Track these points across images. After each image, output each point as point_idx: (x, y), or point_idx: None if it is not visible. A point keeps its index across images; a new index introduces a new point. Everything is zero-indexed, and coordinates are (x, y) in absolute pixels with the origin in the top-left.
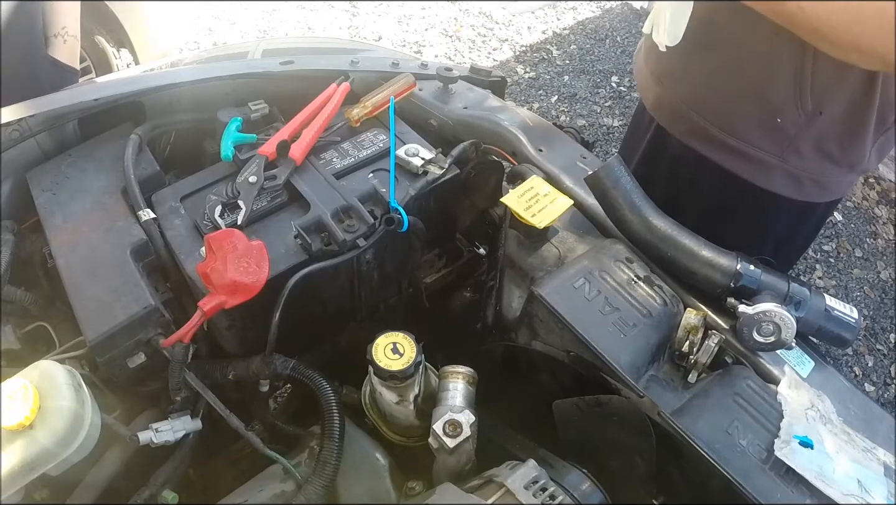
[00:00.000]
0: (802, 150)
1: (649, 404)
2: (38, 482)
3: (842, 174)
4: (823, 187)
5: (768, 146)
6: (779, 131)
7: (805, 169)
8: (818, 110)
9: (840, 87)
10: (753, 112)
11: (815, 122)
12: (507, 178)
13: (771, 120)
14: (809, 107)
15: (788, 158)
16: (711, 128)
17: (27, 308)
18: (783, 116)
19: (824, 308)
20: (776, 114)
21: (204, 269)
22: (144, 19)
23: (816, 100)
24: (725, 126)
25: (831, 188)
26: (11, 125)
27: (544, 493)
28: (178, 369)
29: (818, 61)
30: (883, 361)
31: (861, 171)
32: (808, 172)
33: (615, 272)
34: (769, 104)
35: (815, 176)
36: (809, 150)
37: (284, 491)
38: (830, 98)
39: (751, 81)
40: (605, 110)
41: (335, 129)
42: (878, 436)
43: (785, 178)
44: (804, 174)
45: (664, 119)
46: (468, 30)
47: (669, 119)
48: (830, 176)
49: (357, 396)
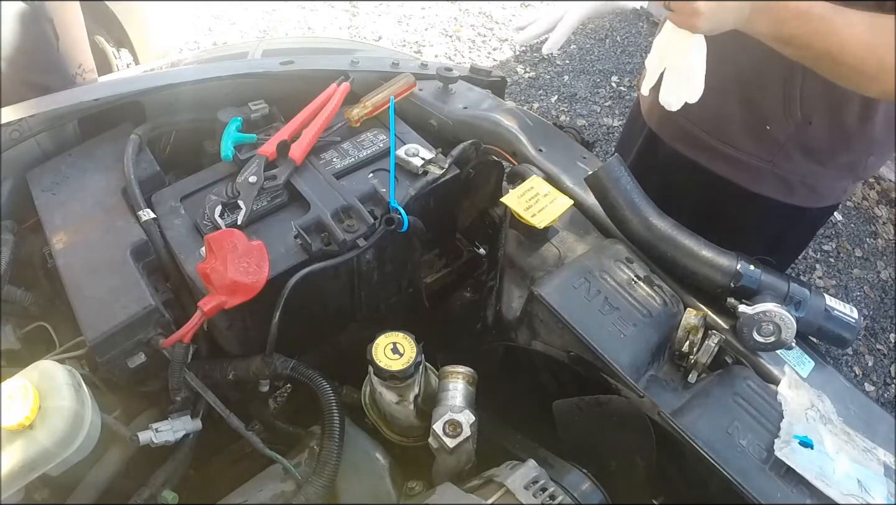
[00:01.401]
0: (793, 155)
1: (649, 404)
2: (38, 482)
3: (834, 180)
4: (815, 192)
5: (758, 152)
6: (768, 138)
7: (796, 173)
8: (808, 120)
9: (830, 99)
10: (743, 119)
11: (804, 131)
12: (507, 178)
13: (760, 127)
14: (799, 116)
15: (779, 163)
16: (701, 133)
17: (27, 308)
18: (773, 124)
19: (824, 308)
20: (766, 121)
21: (204, 269)
22: (144, 19)
23: (806, 109)
24: (715, 131)
25: (824, 193)
26: (11, 125)
27: (544, 493)
28: (178, 369)
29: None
30: (883, 361)
31: (856, 178)
32: (800, 177)
33: (615, 272)
34: (759, 112)
35: (807, 180)
36: (799, 156)
37: (284, 491)
38: (820, 108)
39: (740, 89)
40: (605, 110)
41: (335, 129)
42: (878, 436)
43: (775, 182)
44: (795, 178)
45: (654, 122)
46: (468, 30)
47: (658, 123)
48: (822, 181)
49: (357, 396)
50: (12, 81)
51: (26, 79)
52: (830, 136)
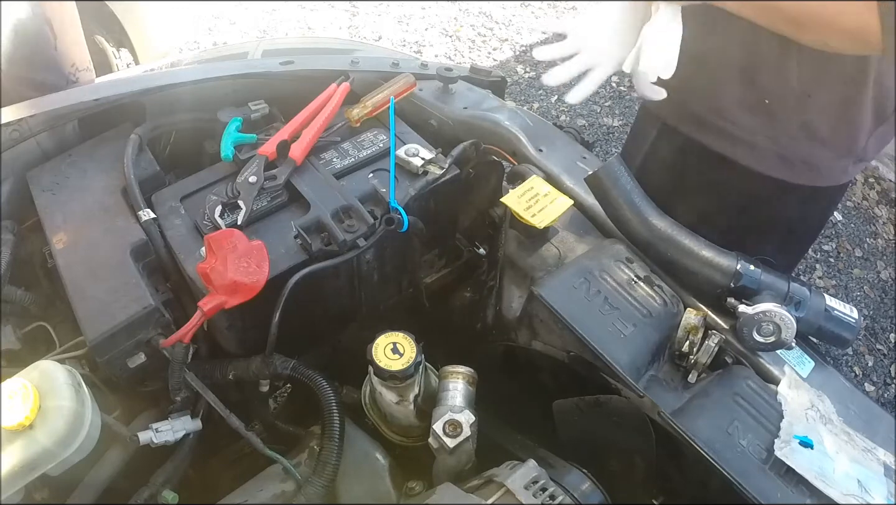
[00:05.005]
0: (791, 132)
1: (649, 404)
2: (38, 482)
3: (834, 159)
4: (817, 170)
5: (758, 128)
6: (767, 113)
7: (796, 151)
8: (806, 93)
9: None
10: (740, 94)
11: (803, 105)
12: (507, 178)
13: (759, 102)
14: (797, 90)
15: (778, 140)
16: (702, 110)
17: (27, 308)
18: (771, 98)
19: (824, 308)
20: (763, 95)
21: (204, 269)
22: (144, 19)
23: (804, 82)
24: (714, 108)
25: (824, 172)
26: (11, 125)
27: (544, 493)
28: (178, 369)
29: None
30: (883, 361)
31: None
32: (801, 156)
33: (615, 272)
34: (757, 85)
35: (808, 158)
36: (799, 132)
37: (284, 491)
38: (818, 81)
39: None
40: (605, 110)
41: (335, 129)
42: (878, 436)
43: (777, 161)
44: (796, 157)
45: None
46: (468, 30)
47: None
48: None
49: (357, 396)
50: (9, 79)
51: (23, 76)
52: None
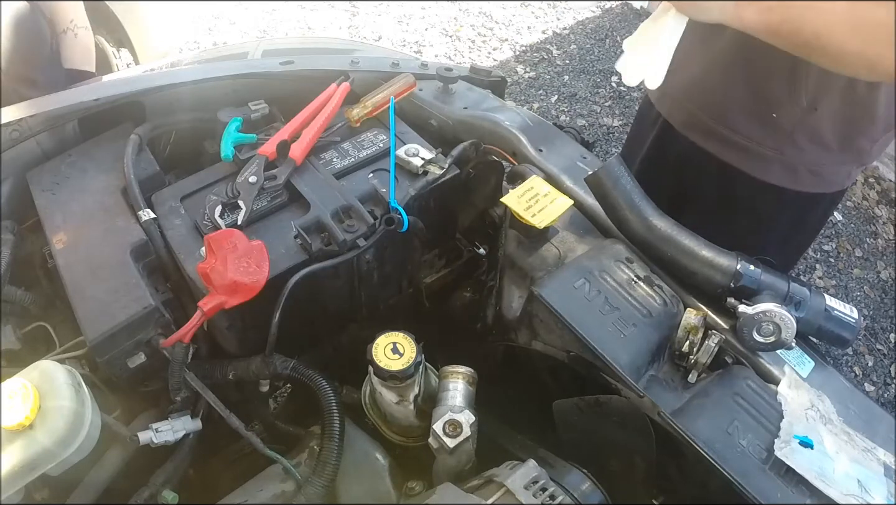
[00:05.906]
0: (799, 142)
1: (649, 404)
2: (38, 482)
3: (840, 165)
4: (821, 177)
5: (765, 139)
6: (775, 125)
7: (802, 161)
8: (813, 107)
9: (835, 86)
10: (749, 106)
11: (810, 118)
12: (507, 178)
13: (767, 114)
14: (805, 103)
15: (785, 151)
16: (709, 120)
17: (27, 308)
18: (779, 111)
19: (824, 308)
20: (772, 109)
21: (204, 269)
22: (144, 19)
23: (811, 97)
24: (722, 118)
25: (829, 179)
26: (11, 125)
27: (544, 493)
28: (178, 369)
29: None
30: (883, 361)
31: (860, 163)
32: (806, 164)
33: (615, 272)
34: (764, 99)
35: (813, 167)
36: (806, 143)
37: (284, 491)
38: (826, 95)
39: (746, 76)
40: (605, 110)
41: (335, 129)
42: (878, 436)
43: (782, 170)
44: (801, 166)
45: (664, 108)
46: (468, 30)
47: (669, 109)
48: (828, 167)
49: (357, 396)
50: (8, 76)
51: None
52: (835, 122)
